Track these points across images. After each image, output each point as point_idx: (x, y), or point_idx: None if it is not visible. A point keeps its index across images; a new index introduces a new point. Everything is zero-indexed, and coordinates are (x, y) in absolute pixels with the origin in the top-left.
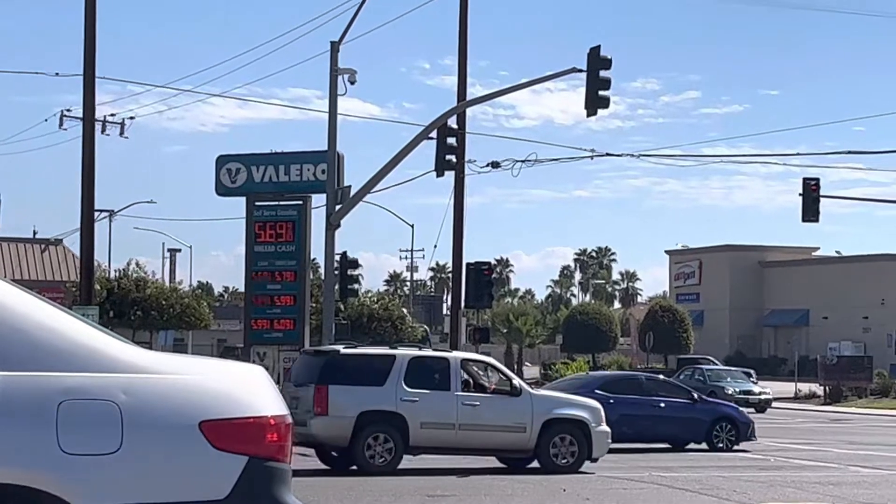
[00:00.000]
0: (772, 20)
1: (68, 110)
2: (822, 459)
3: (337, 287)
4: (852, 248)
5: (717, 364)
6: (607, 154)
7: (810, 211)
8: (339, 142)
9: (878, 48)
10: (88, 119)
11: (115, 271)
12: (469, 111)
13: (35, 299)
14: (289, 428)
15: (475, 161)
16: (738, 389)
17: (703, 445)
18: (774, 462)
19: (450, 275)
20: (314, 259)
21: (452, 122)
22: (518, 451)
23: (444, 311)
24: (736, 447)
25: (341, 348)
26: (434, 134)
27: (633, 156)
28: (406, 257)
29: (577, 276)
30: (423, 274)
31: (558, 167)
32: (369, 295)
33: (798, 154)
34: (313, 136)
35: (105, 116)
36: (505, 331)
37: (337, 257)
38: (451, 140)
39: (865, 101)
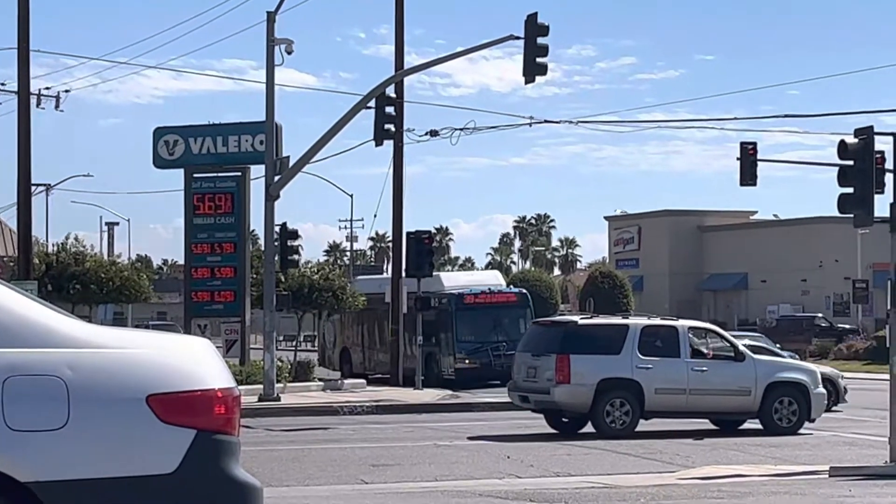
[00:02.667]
0: None
1: (2, 84)
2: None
3: (277, 258)
4: (790, 212)
5: None
6: (545, 121)
7: (748, 175)
8: (277, 112)
9: (812, 12)
10: (23, 93)
11: (54, 245)
12: (406, 80)
13: None
14: (236, 400)
15: (414, 130)
16: None
17: None
18: (713, 426)
19: (390, 244)
20: (254, 230)
21: (390, 92)
22: (743, 414)
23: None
24: None
25: (578, 319)
26: (372, 103)
27: (570, 122)
28: (346, 227)
29: (517, 243)
30: (363, 244)
31: (496, 135)
32: (310, 265)
33: (734, 119)
34: (250, 107)
35: (40, 90)
36: None
37: (276, 228)
38: (390, 109)
39: (800, 65)
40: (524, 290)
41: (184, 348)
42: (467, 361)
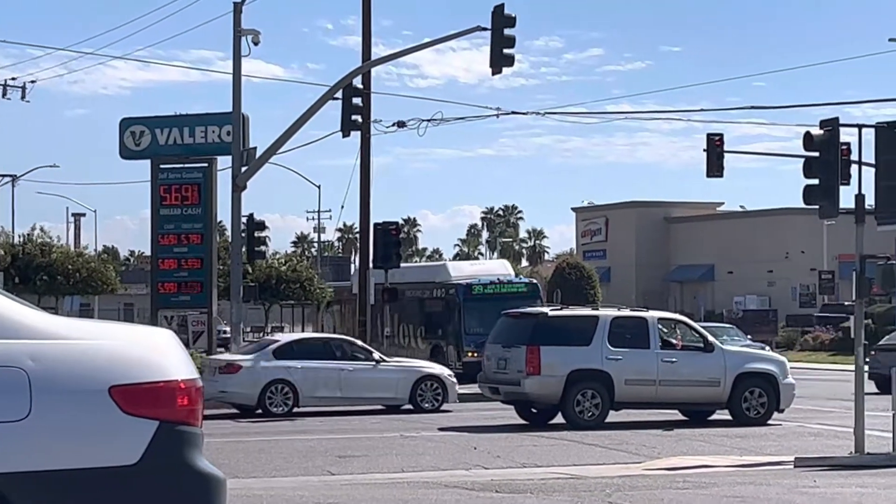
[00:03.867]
0: None
1: None
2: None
3: (244, 249)
4: (756, 203)
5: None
6: (513, 112)
7: (714, 166)
8: (244, 103)
9: (778, 4)
10: None
11: (19, 237)
12: (373, 71)
13: None
14: (199, 392)
15: (381, 121)
16: None
17: None
18: (682, 417)
19: (357, 235)
20: (221, 221)
21: (357, 83)
22: (712, 405)
23: (353, 272)
24: None
25: (549, 311)
26: (339, 94)
27: (538, 114)
28: (313, 218)
29: (485, 234)
30: (331, 235)
31: (464, 126)
32: (277, 257)
33: (701, 110)
34: (217, 98)
35: (6, 80)
36: None
37: (243, 219)
38: (357, 100)
39: (766, 57)
40: (534, 280)
41: (147, 339)
42: (476, 354)
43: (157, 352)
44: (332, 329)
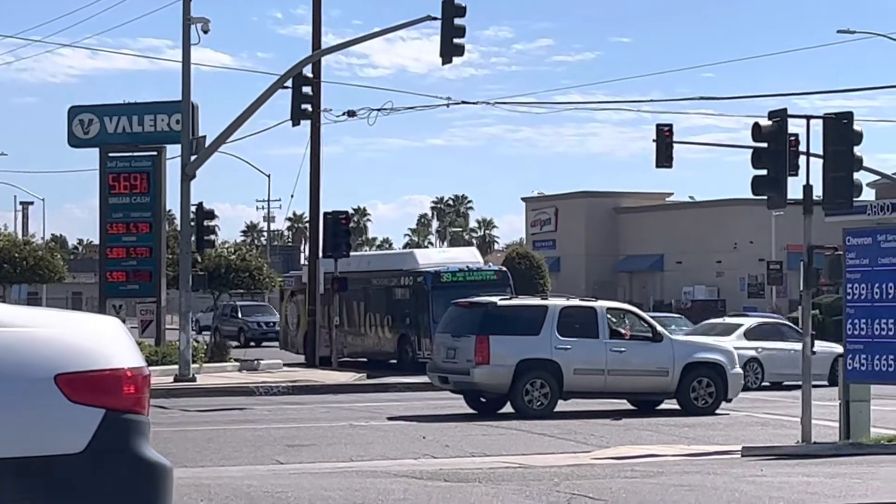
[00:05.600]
0: None
1: None
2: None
3: (193, 238)
4: (705, 194)
5: None
6: (462, 102)
7: (663, 157)
8: (194, 92)
9: None
10: None
11: None
12: (323, 60)
13: None
14: (146, 380)
15: (331, 110)
16: None
17: None
18: (630, 406)
19: (307, 225)
20: (170, 210)
21: (307, 72)
22: (660, 394)
23: (303, 262)
24: None
25: (498, 300)
26: (289, 83)
27: (487, 103)
28: (263, 207)
29: (435, 224)
30: (281, 224)
31: (413, 115)
32: (226, 246)
33: (650, 101)
34: (167, 87)
35: None
36: None
37: (193, 208)
38: (307, 89)
39: (715, 48)
40: (504, 268)
41: (93, 327)
42: None
43: (104, 340)
44: (295, 320)
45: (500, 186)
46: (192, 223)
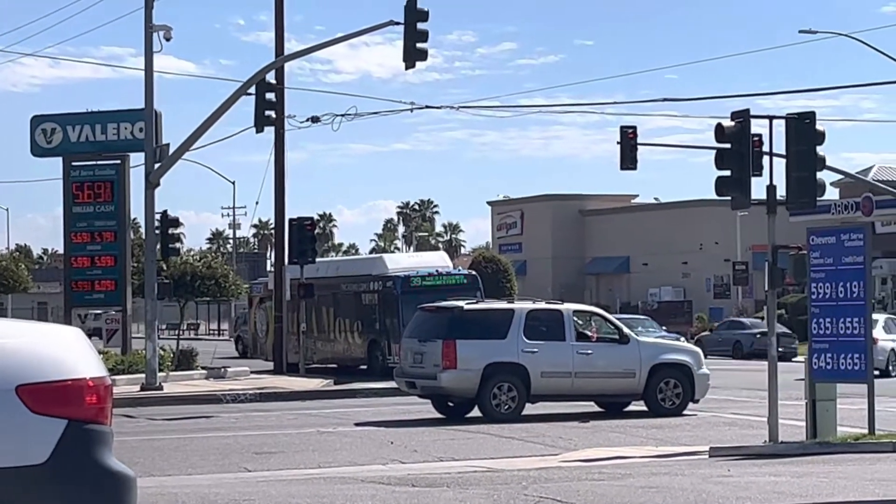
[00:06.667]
0: None
1: None
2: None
3: (158, 246)
4: (670, 195)
5: None
6: (426, 107)
7: (628, 159)
8: (157, 100)
9: None
10: None
11: None
12: (287, 67)
13: None
14: (108, 390)
15: (295, 116)
16: None
17: None
18: (598, 408)
19: (273, 231)
20: (135, 219)
21: (270, 78)
22: (628, 396)
23: (269, 268)
24: None
25: (464, 304)
26: (252, 90)
27: (451, 108)
28: (228, 215)
29: (401, 229)
30: (246, 231)
31: (378, 121)
32: (192, 253)
33: (614, 103)
34: (130, 95)
35: None
36: None
37: (157, 216)
38: (270, 96)
39: (678, 49)
40: (473, 272)
41: (55, 338)
42: None
43: (65, 350)
44: (264, 327)
45: (465, 190)
46: (157, 231)
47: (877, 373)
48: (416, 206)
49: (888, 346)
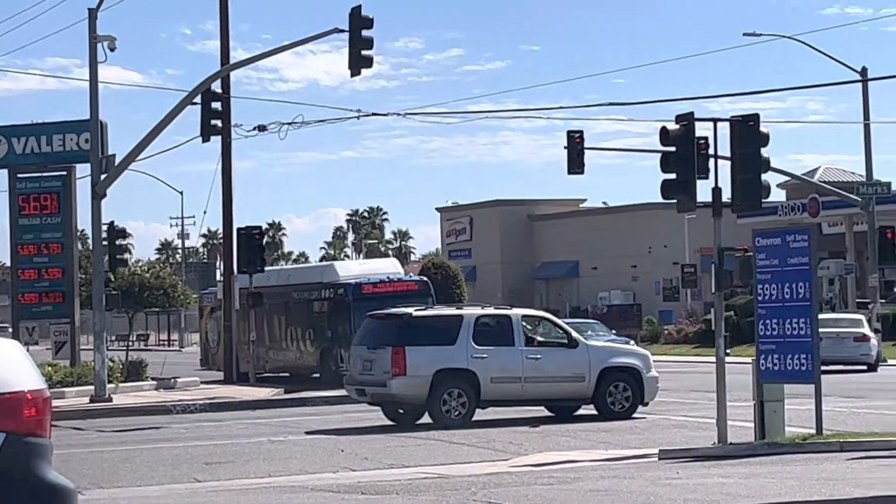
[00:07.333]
0: None
1: None
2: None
3: (106, 258)
4: (618, 199)
5: None
6: (373, 114)
7: (575, 163)
8: (103, 110)
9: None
10: None
11: None
12: (233, 75)
13: None
14: (46, 402)
15: (242, 125)
16: None
17: None
18: (548, 413)
19: (222, 241)
20: (82, 230)
21: (217, 87)
22: (578, 400)
23: (219, 278)
24: None
25: (413, 311)
26: (198, 99)
27: (399, 115)
28: (177, 225)
29: (350, 236)
30: (195, 241)
31: (326, 129)
32: (140, 264)
33: (561, 108)
34: (77, 106)
35: None
36: None
37: (105, 227)
38: (216, 105)
39: (625, 54)
40: (425, 278)
41: None
42: None
43: (3, 363)
44: (215, 336)
45: (414, 197)
46: (105, 242)
47: (865, 367)
48: (366, 214)
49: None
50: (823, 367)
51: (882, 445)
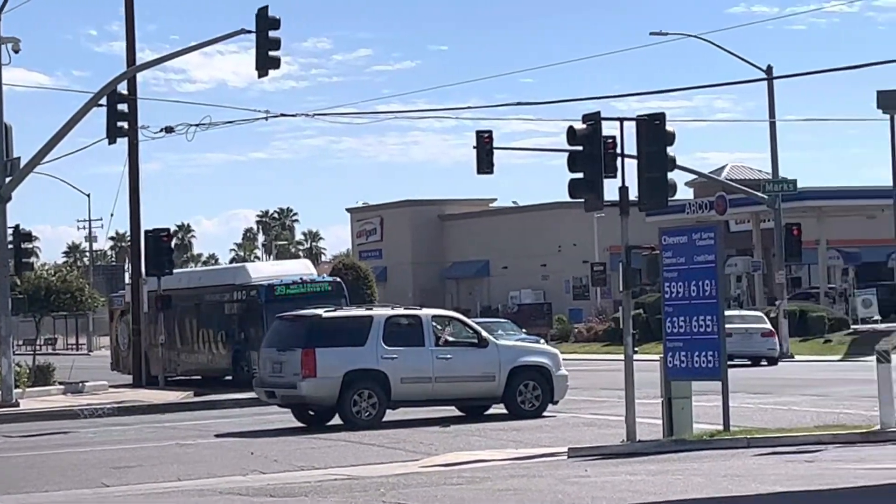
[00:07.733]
0: None
1: None
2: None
3: (11, 262)
4: (528, 198)
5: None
6: (282, 115)
7: (485, 163)
8: (7, 113)
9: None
10: None
11: None
12: (140, 76)
13: None
14: None
15: (149, 127)
16: None
17: None
18: (459, 413)
19: (130, 243)
20: None
21: (123, 88)
22: (488, 399)
23: (127, 280)
24: None
25: (322, 312)
26: (104, 101)
27: (307, 115)
28: (84, 227)
29: (261, 238)
30: (103, 244)
31: (234, 130)
32: (46, 267)
33: (469, 107)
34: None
35: None
36: None
37: (10, 231)
38: (122, 106)
39: (533, 53)
40: (338, 279)
41: None
42: None
43: None
44: (126, 340)
45: (325, 198)
46: (10, 246)
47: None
48: (276, 215)
49: None
50: (732, 361)
51: (788, 441)
